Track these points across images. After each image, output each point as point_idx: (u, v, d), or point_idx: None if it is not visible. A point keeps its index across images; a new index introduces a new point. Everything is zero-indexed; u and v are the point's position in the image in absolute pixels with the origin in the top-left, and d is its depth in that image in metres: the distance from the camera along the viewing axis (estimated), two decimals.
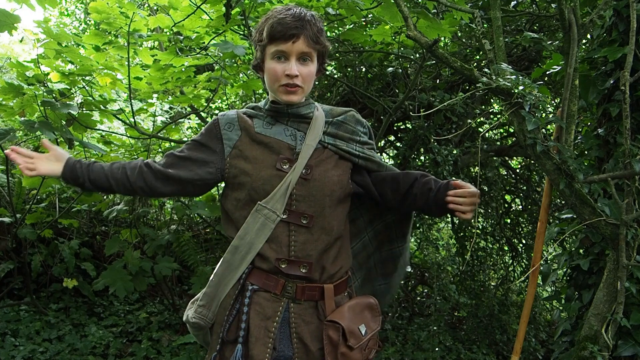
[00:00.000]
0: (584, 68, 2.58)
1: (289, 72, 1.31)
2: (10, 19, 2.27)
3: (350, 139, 1.45)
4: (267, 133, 1.39)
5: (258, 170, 1.34)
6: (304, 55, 1.33)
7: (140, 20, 2.71)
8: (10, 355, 2.98)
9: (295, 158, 1.35)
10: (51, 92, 2.79)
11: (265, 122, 1.41)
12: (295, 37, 1.29)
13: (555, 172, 2.06)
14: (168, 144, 3.69)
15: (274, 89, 1.36)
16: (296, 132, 1.40)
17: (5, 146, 3.23)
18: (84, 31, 7.41)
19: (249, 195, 1.34)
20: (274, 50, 1.32)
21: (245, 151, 1.37)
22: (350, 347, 1.30)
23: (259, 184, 1.33)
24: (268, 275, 1.33)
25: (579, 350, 2.12)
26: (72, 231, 3.88)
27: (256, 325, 1.29)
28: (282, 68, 1.32)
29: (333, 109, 1.49)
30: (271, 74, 1.34)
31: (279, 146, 1.37)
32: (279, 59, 1.33)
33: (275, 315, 1.31)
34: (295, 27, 1.29)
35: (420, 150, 3.84)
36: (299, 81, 1.33)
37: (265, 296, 1.32)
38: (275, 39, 1.31)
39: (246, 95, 4.52)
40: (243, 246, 1.33)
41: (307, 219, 1.33)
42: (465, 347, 3.84)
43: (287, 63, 1.32)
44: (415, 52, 3.42)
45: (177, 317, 3.70)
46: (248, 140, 1.38)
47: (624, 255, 1.99)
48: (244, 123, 1.41)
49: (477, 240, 4.45)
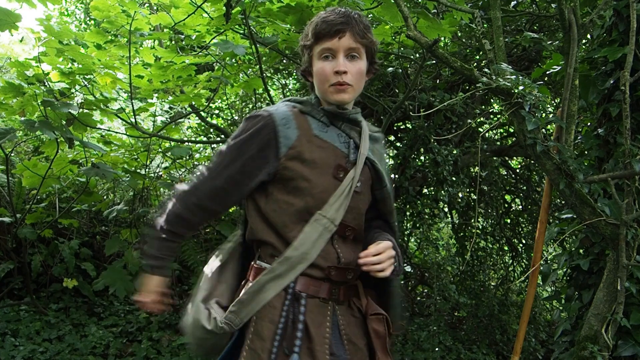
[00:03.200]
0: (584, 68, 2.58)
1: (338, 69, 1.25)
2: (11, 17, 2.27)
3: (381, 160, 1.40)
4: (324, 137, 1.31)
5: (317, 176, 1.26)
6: (352, 51, 1.27)
7: (142, 19, 2.71)
8: (10, 355, 2.97)
9: (348, 167, 1.30)
10: (51, 92, 2.79)
11: (321, 122, 1.33)
12: (342, 32, 1.25)
13: (555, 172, 2.06)
14: (168, 143, 3.69)
15: (324, 90, 1.30)
16: (349, 139, 1.34)
17: (5, 146, 3.23)
18: (84, 31, 7.40)
19: (304, 202, 1.26)
20: (321, 49, 1.27)
21: (305, 153, 1.26)
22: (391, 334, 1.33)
23: (318, 191, 1.26)
24: (316, 281, 1.29)
25: (579, 350, 2.12)
26: (72, 231, 3.88)
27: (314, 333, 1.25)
28: (331, 66, 1.26)
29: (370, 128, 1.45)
30: (319, 74, 1.28)
31: (335, 153, 1.30)
32: (327, 58, 1.27)
33: (326, 320, 1.28)
34: (341, 22, 1.25)
35: (420, 150, 3.84)
36: (348, 79, 1.27)
37: (314, 302, 1.28)
38: (321, 37, 1.26)
39: (246, 95, 4.52)
40: (296, 257, 1.25)
41: (350, 231, 1.32)
42: (465, 347, 3.84)
43: (335, 60, 1.26)
44: (415, 52, 3.42)
45: (177, 317, 3.70)
46: (306, 141, 1.28)
47: (624, 255, 1.99)
48: (300, 121, 1.31)
49: (477, 240, 4.45)
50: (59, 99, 2.81)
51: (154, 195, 4.03)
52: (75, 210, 3.61)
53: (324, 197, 1.26)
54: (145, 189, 3.82)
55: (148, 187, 3.80)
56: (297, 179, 1.26)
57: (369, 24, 1.32)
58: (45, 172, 3.01)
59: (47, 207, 3.51)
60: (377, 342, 1.30)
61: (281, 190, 1.29)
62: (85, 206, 3.64)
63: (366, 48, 1.30)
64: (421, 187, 4.03)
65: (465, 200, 4.40)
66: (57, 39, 2.59)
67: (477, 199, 3.12)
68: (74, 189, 3.82)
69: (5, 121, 3.95)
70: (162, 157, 4.11)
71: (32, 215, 3.26)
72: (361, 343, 1.32)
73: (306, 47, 1.32)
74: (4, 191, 3.41)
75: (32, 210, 3.31)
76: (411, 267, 4.65)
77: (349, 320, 1.33)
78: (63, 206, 3.55)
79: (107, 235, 4.05)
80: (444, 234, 5.31)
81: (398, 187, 3.84)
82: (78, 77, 2.91)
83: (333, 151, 1.30)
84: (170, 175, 3.75)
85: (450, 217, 4.74)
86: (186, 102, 3.47)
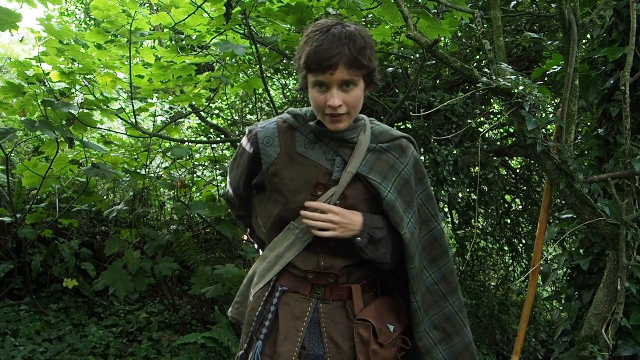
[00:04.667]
0: (584, 68, 2.58)
1: (331, 104, 1.23)
2: (11, 17, 2.27)
3: (387, 172, 1.35)
4: (307, 154, 1.33)
5: (293, 194, 1.31)
6: (346, 82, 1.23)
7: (142, 19, 2.71)
8: (10, 355, 2.97)
9: (330, 184, 1.32)
10: (51, 91, 2.79)
11: (308, 139, 1.35)
12: (333, 67, 1.19)
13: (555, 172, 2.06)
14: (168, 143, 3.69)
15: (320, 116, 1.31)
16: (335, 157, 1.34)
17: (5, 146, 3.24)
18: (84, 31, 7.40)
19: (280, 215, 1.34)
20: (313, 81, 1.25)
21: (282, 171, 1.33)
22: (381, 344, 1.31)
23: (293, 206, 1.32)
24: (297, 278, 1.36)
25: (579, 350, 2.12)
26: (72, 231, 3.88)
27: (285, 324, 1.32)
28: (324, 98, 1.24)
29: (384, 132, 1.40)
30: (314, 103, 1.28)
31: (317, 170, 1.33)
32: (320, 88, 1.25)
33: (304, 315, 1.33)
34: (332, 56, 1.18)
35: (420, 150, 3.84)
36: (343, 110, 1.25)
37: (295, 297, 1.35)
38: (312, 70, 1.22)
39: (246, 94, 4.52)
40: (272, 257, 1.37)
41: (334, 242, 1.33)
42: None
43: (329, 92, 1.23)
44: (415, 52, 3.42)
45: (177, 317, 3.70)
46: (286, 158, 1.34)
47: (624, 255, 1.99)
48: (285, 138, 1.35)
49: (477, 240, 4.45)
50: (59, 98, 2.81)
51: (154, 195, 4.03)
52: (75, 210, 3.61)
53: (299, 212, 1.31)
54: (145, 189, 3.82)
55: (148, 187, 3.80)
56: (275, 193, 1.35)
57: (367, 43, 1.25)
58: (45, 172, 3.01)
59: (47, 207, 3.51)
60: (360, 348, 1.30)
61: (266, 198, 1.40)
62: (85, 206, 3.64)
63: (362, 75, 1.26)
64: None
65: (465, 200, 4.40)
66: (57, 38, 2.59)
67: (477, 199, 3.12)
68: (74, 189, 3.82)
69: (5, 121, 3.95)
70: (162, 157, 4.11)
71: (32, 215, 3.26)
72: (346, 345, 1.32)
73: (300, 70, 1.29)
74: (4, 191, 3.41)
75: (32, 210, 3.31)
76: None
77: (335, 320, 1.34)
78: (63, 206, 3.55)
79: (107, 235, 4.04)
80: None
81: None
82: (78, 76, 2.91)
83: (315, 168, 1.33)
84: (170, 175, 3.75)
85: (450, 217, 4.74)
86: (186, 102, 3.47)
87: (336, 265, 1.34)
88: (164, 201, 4.25)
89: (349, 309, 1.35)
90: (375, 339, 1.31)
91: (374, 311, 1.35)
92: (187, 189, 3.76)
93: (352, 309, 1.35)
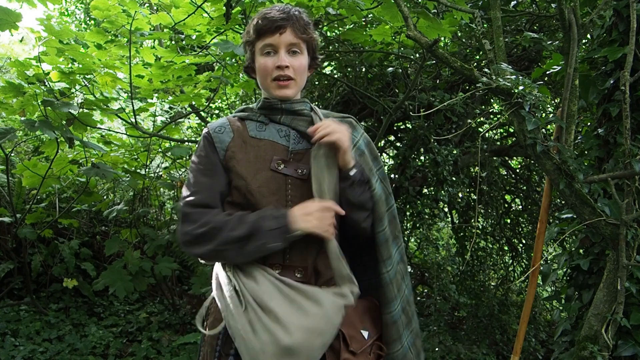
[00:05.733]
0: (584, 68, 2.58)
1: (279, 64, 1.29)
2: (11, 17, 2.27)
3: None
4: (260, 136, 1.34)
5: (253, 175, 1.28)
6: (293, 46, 1.31)
7: (142, 19, 2.71)
8: (10, 355, 2.97)
9: (289, 158, 1.31)
10: (52, 91, 2.79)
11: (258, 123, 1.37)
12: (282, 28, 1.28)
13: (555, 172, 2.06)
14: (168, 143, 3.69)
15: (267, 86, 1.34)
16: (290, 131, 1.35)
17: (5, 146, 3.24)
18: (84, 31, 7.40)
19: (245, 199, 1.27)
20: (262, 45, 1.31)
21: (238, 154, 1.31)
22: (353, 352, 1.23)
23: (256, 186, 1.27)
24: None
25: (579, 350, 2.12)
26: (72, 231, 3.89)
27: None
28: (272, 62, 1.30)
29: (330, 113, 1.44)
30: (262, 70, 1.32)
31: (273, 148, 1.32)
32: (268, 54, 1.31)
33: None
34: (282, 18, 1.28)
35: (420, 150, 3.84)
36: (291, 72, 1.31)
37: None
38: (262, 33, 1.30)
39: (246, 94, 4.52)
40: None
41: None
42: (465, 347, 3.84)
43: (277, 56, 1.30)
44: (415, 52, 3.43)
45: (177, 317, 3.70)
46: (240, 142, 1.33)
47: (624, 255, 1.99)
48: (236, 127, 1.36)
49: (477, 240, 4.45)
50: (59, 98, 2.81)
51: (154, 195, 4.03)
52: (75, 210, 3.61)
53: (262, 191, 1.27)
54: (145, 189, 3.82)
55: (148, 187, 3.80)
56: (235, 179, 1.29)
57: (310, 21, 1.36)
58: (45, 172, 3.01)
59: (47, 207, 3.51)
60: (330, 357, 1.21)
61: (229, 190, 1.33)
62: (85, 206, 3.64)
63: (307, 43, 1.34)
64: (421, 187, 4.03)
65: (465, 200, 4.40)
66: (57, 38, 2.59)
67: (477, 199, 3.12)
68: (74, 189, 3.82)
69: (5, 121, 3.95)
70: (162, 157, 4.11)
71: (32, 215, 3.26)
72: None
73: (248, 43, 1.35)
74: (4, 191, 3.41)
75: (32, 210, 3.31)
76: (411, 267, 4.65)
77: None
78: (63, 206, 3.55)
79: (107, 235, 4.05)
80: (444, 234, 5.32)
81: (398, 187, 3.84)
82: (78, 76, 2.91)
83: (271, 146, 1.33)
84: (170, 175, 3.75)
85: (450, 217, 4.74)
86: (186, 102, 3.48)
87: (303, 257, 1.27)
88: (164, 201, 4.25)
89: None
90: (347, 347, 1.22)
91: (346, 317, 1.24)
92: None
93: None
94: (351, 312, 1.28)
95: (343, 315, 1.23)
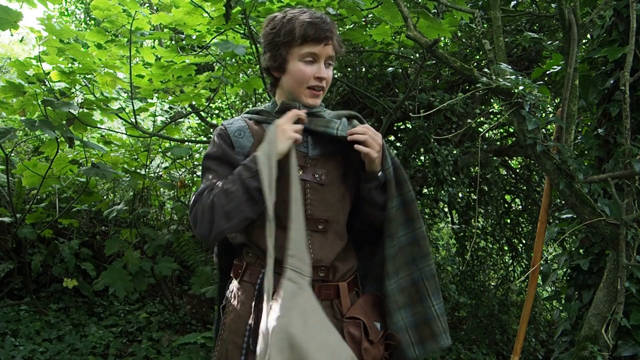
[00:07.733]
0: (584, 68, 2.58)
1: (320, 75, 1.30)
2: (11, 16, 2.27)
3: None
4: None
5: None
6: (330, 59, 1.33)
7: (143, 18, 2.71)
8: (10, 355, 2.97)
9: (307, 164, 1.33)
10: (52, 91, 2.79)
11: None
12: (328, 39, 1.29)
13: (555, 172, 2.06)
14: (168, 143, 3.69)
15: (299, 92, 1.33)
16: (308, 136, 1.36)
17: (5, 146, 3.24)
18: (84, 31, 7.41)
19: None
20: (305, 52, 1.29)
21: None
22: (372, 341, 1.29)
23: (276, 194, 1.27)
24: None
25: (579, 350, 2.12)
26: (72, 231, 3.88)
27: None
28: (311, 70, 1.30)
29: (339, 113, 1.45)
30: (299, 76, 1.31)
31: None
32: (309, 62, 1.30)
33: None
34: (328, 29, 1.28)
35: (420, 150, 3.84)
36: (325, 84, 1.33)
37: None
38: (309, 41, 1.28)
39: (246, 94, 4.52)
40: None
41: (322, 224, 1.32)
42: (465, 347, 3.84)
43: (316, 66, 1.31)
44: (415, 52, 3.43)
45: (177, 317, 3.70)
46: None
47: (624, 255, 1.99)
48: (255, 131, 1.36)
49: (477, 240, 4.45)
50: (59, 98, 2.81)
51: (154, 195, 4.03)
52: (75, 210, 3.61)
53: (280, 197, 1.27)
54: (145, 189, 3.82)
55: (148, 187, 3.80)
56: None
57: None
58: (45, 172, 3.01)
59: (47, 207, 3.51)
60: (351, 347, 1.24)
61: None
62: (85, 206, 3.63)
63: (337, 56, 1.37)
64: (421, 187, 4.03)
65: (465, 200, 4.40)
66: (58, 37, 2.59)
67: (477, 199, 3.12)
68: (74, 189, 3.82)
69: (6, 121, 3.95)
70: (162, 157, 4.11)
71: (32, 215, 3.26)
72: None
73: (284, 44, 1.30)
74: (4, 191, 3.41)
75: (32, 210, 3.31)
76: None
77: None
78: (63, 206, 3.55)
79: (107, 235, 4.05)
80: (444, 234, 5.32)
81: None
82: (78, 76, 2.91)
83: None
84: (170, 175, 3.75)
85: (450, 217, 4.74)
86: (186, 102, 3.48)
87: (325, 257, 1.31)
88: (164, 201, 4.25)
89: (337, 309, 1.32)
90: (367, 336, 1.29)
91: (362, 309, 1.33)
92: (187, 189, 3.76)
93: (340, 308, 1.32)
94: (365, 305, 1.36)
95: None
